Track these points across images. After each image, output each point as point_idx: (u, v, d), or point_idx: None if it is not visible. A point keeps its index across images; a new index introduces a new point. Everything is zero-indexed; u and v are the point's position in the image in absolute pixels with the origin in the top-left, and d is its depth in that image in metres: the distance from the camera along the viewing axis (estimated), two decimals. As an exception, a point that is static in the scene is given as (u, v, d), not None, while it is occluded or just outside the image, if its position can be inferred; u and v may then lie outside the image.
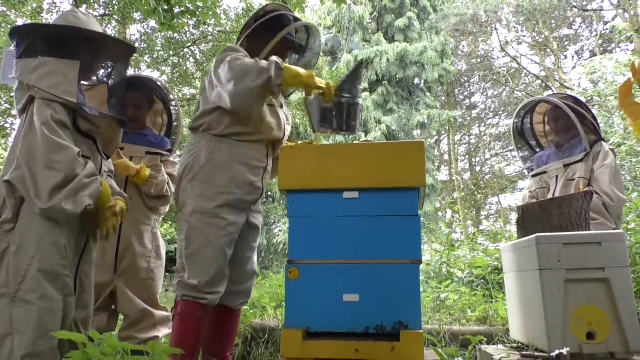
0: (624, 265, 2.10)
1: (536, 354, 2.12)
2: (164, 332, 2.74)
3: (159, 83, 3.11)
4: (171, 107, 3.09)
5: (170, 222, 13.21)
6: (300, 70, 2.18)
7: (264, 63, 2.11)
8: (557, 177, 2.89)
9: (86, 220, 2.01)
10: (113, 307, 2.72)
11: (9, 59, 2.69)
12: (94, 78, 2.18)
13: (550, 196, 2.88)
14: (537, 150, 3.22)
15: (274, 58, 2.14)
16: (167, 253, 3.04)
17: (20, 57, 1.96)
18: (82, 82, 2.10)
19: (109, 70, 2.21)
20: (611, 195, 2.62)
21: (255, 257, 2.49)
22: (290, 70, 2.14)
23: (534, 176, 3.08)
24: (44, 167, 1.80)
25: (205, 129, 2.29)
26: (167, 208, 2.98)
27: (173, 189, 2.85)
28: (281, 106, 2.47)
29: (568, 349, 2.00)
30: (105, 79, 2.19)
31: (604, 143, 2.80)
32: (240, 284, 2.39)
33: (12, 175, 1.83)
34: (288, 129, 2.50)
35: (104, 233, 2.07)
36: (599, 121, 2.93)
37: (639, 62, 2.54)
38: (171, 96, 3.11)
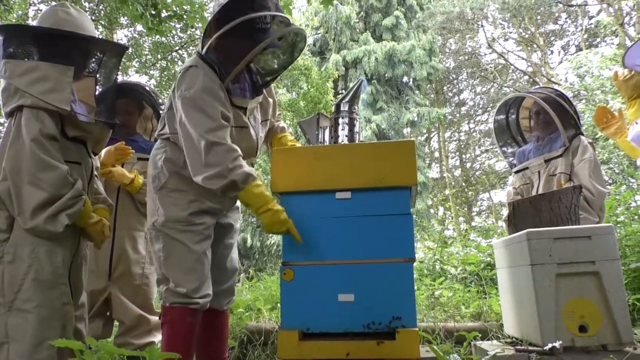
0: (614, 258, 2.13)
1: (530, 348, 2.15)
2: (159, 337, 2.73)
3: (147, 88, 3.10)
4: (161, 112, 3.09)
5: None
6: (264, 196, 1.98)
7: (232, 169, 1.93)
8: (539, 172, 2.93)
9: (78, 228, 2.00)
10: (108, 313, 2.71)
11: None
12: (85, 74, 2.10)
13: (534, 192, 2.92)
14: (521, 145, 3.25)
15: (245, 172, 1.93)
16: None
17: (9, 58, 1.89)
18: (76, 88, 2.06)
19: (101, 70, 2.14)
20: (591, 189, 2.66)
21: (234, 254, 2.43)
22: (251, 195, 1.96)
23: (516, 172, 3.11)
24: (28, 184, 1.78)
25: (174, 138, 2.14)
26: None
27: None
28: (252, 113, 2.26)
29: (561, 342, 2.02)
30: (95, 75, 2.12)
31: (582, 137, 2.84)
32: (222, 284, 2.34)
33: (0, 188, 1.83)
34: (262, 137, 2.35)
35: (99, 246, 2.11)
36: (586, 115, 2.97)
37: (621, 72, 2.61)
38: (160, 100, 3.11)
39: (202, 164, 1.95)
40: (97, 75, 2.13)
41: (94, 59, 2.09)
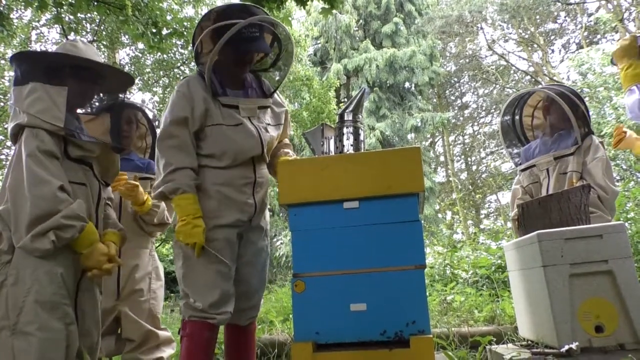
0: (627, 256, 2.11)
1: (546, 350, 2.13)
2: (168, 352, 2.73)
3: (141, 106, 3.10)
4: (156, 129, 3.08)
5: (171, 243, 13.19)
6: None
7: (166, 182, 2.14)
8: (547, 170, 2.87)
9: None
10: (119, 331, 2.71)
11: None
12: (90, 106, 2.18)
13: (543, 191, 2.86)
14: (524, 143, 3.19)
15: (173, 186, 2.11)
16: (168, 273, 3.04)
17: (16, 85, 1.97)
18: (79, 111, 2.12)
19: (105, 97, 2.21)
20: (605, 188, 2.62)
21: (257, 271, 2.38)
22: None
23: (522, 170, 3.05)
24: (25, 201, 1.79)
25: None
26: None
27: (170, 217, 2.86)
28: (256, 115, 2.34)
29: (577, 343, 2.00)
30: (101, 107, 2.19)
31: (594, 136, 2.80)
32: (244, 302, 2.33)
33: (1, 209, 1.84)
34: (268, 136, 2.35)
35: (91, 274, 1.96)
36: (590, 113, 2.93)
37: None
38: (152, 116, 3.10)
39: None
40: (101, 100, 2.21)
41: (93, 83, 2.13)
